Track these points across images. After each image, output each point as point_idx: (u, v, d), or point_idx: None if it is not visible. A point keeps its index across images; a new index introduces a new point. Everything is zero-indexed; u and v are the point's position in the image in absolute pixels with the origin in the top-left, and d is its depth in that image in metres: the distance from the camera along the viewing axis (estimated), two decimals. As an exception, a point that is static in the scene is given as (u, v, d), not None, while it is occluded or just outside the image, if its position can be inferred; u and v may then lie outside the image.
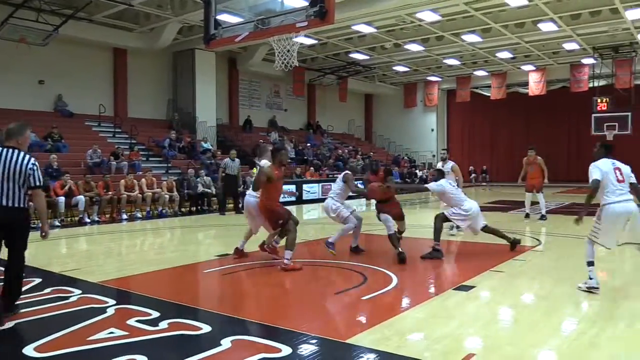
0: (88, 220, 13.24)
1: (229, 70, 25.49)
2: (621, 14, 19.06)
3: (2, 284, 5.02)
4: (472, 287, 6.03)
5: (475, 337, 4.39)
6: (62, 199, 12.84)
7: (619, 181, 5.60)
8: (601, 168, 5.65)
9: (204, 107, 22.31)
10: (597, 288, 5.61)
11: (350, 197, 8.82)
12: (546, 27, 20.87)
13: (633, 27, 20.77)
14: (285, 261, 7.06)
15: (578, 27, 21.16)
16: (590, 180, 5.61)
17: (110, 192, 14.01)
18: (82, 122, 19.29)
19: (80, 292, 5.84)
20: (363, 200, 18.14)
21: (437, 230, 7.95)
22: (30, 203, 5.07)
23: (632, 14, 18.93)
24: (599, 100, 25.38)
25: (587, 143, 29.21)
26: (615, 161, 5.77)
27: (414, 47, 24.52)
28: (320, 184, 20.65)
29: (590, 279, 5.65)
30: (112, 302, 5.40)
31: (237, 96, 26.18)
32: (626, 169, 5.75)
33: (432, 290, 6.14)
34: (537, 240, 9.55)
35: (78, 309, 5.20)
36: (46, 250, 9.11)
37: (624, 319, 4.79)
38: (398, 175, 26.05)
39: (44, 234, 5.11)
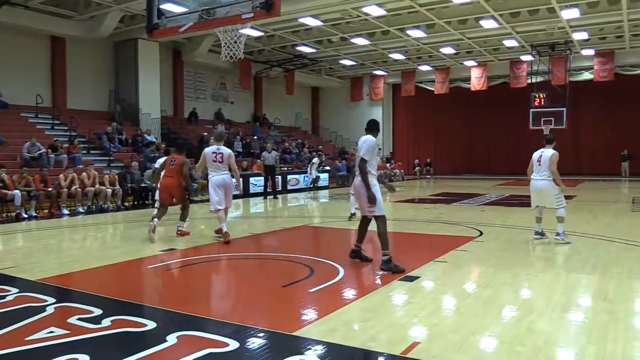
0: (25, 216, 12.71)
1: (174, 61, 24.95)
2: (557, 14, 19.87)
3: None
4: (417, 277, 6.17)
5: (419, 326, 4.50)
6: (-4, 193, 12.28)
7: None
8: None
9: (147, 98, 21.76)
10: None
11: None
12: (487, 24, 21.50)
13: (568, 26, 21.68)
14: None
15: (517, 25, 21.92)
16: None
17: (49, 188, 13.50)
18: (17, 113, 18.45)
19: (17, 290, 5.62)
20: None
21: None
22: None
23: (567, 14, 19.78)
24: (536, 96, 26.40)
25: (526, 137, 30.55)
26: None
27: (360, 41, 24.74)
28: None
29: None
30: (51, 300, 5.21)
31: (182, 88, 25.68)
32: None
33: (378, 281, 6.23)
34: (478, 231, 9.86)
35: (15, 308, 5.00)
36: (-21, 248, 8.72)
37: (559, 305, 5.02)
38: (344, 168, 26.28)
39: None
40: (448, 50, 26.72)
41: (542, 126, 25.88)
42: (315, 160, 22.43)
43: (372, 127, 7.12)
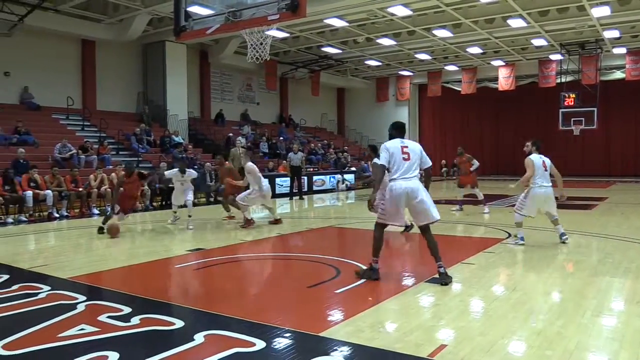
0: (57, 215, 12.99)
1: (201, 63, 25.20)
2: (587, 11, 19.48)
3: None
4: (444, 279, 6.11)
5: (447, 329, 4.46)
6: (29, 193, 12.56)
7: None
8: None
9: (175, 100, 22.04)
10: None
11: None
12: (515, 23, 21.20)
13: (598, 24, 21.24)
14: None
15: (546, 24, 21.55)
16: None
17: (80, 188, 13.77)
18: (49, 115, 18.87)
19: (49, 288, 5.74)
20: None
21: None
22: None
23: (597, 12, 19.37)
24: (566, 96, 25.92)
25: (555, 137, 30.02)
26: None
27: (386, 42, 24.63)
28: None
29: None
30: (82, 298, 5.32)
31: (209, 89, 25.91)
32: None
33: (404, 282, 6.20)
34: (506, 232, 9.72)
35: (47, 305, 5.12)
36: (14, 246, 8.92)
37: (590, 309, 4.91)
38: (369, 168, 26.19)
39: None
40: (475, 50, 26.43)
41: (572, 126, 25.44)
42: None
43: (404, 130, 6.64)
